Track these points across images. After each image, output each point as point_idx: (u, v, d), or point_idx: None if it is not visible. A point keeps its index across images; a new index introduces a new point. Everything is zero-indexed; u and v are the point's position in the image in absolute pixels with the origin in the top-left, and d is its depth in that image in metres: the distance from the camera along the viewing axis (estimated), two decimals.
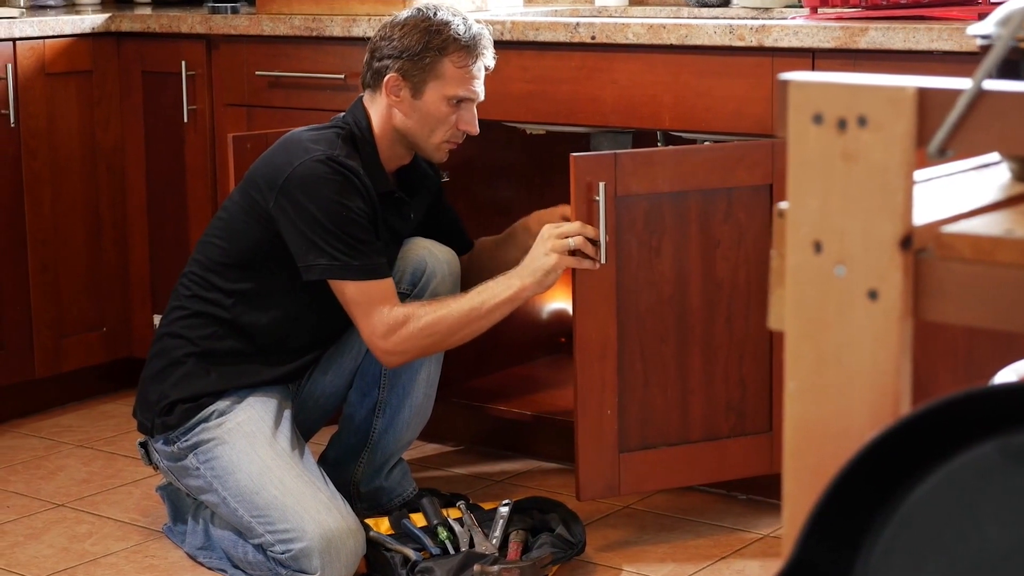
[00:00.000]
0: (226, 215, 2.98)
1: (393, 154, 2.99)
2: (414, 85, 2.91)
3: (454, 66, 2.91)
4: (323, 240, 2.82)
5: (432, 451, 3.58)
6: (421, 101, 2.92)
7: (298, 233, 2.84)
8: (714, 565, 2.92)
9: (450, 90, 2.92)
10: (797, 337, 1.19)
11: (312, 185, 2.82)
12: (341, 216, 2.81)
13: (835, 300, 1.17)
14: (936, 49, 2.81)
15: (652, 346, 2.97)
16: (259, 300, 2.95)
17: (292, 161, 2.86)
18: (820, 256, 1.17)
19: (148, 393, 2.99)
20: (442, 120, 2.93)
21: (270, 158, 2.93)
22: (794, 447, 1.20)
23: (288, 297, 2.94)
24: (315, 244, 2.82)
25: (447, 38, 2.90)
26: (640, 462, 2.99)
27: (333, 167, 2.83)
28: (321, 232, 2.81)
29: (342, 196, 2.82)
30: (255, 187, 2.91)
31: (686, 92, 3.10)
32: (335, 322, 2.99)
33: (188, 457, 2.91)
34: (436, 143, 2.96)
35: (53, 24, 3.75)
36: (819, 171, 1.16)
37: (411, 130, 2.95)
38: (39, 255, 3.78)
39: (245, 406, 2.92)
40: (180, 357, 2.96)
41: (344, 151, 2.87)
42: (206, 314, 2.96)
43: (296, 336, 2.99)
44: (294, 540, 2.76)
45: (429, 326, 2.85)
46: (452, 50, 2.90)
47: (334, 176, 2.83)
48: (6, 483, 3.41)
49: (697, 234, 2.97)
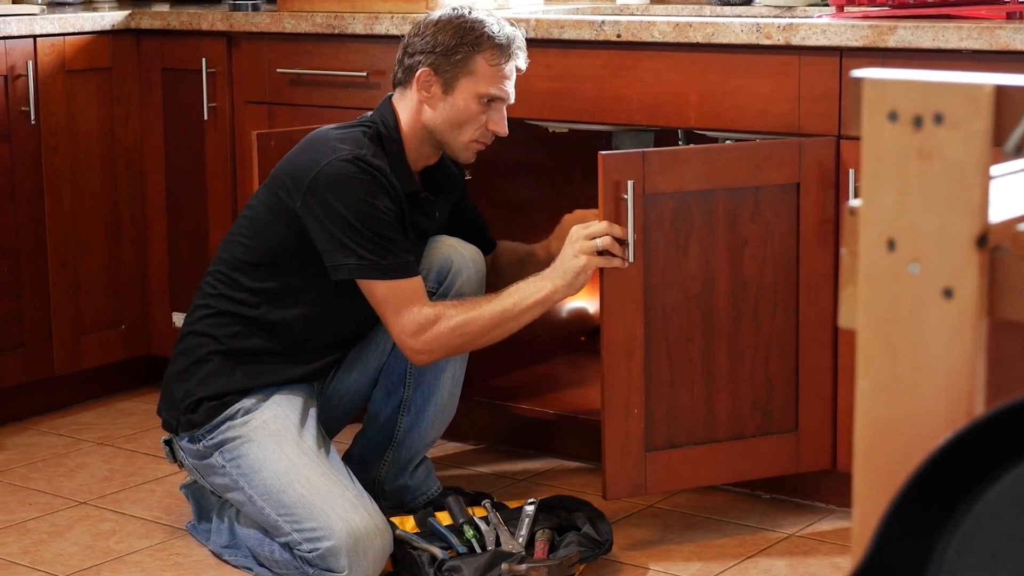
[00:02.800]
0: (252, 214, 2.97)
1: (421, 153, 2.98)
2: (446, 80, 2.90)
3: (487, 63, 2.90)
4: (351, 240, 2.81)
5: (453, 449, 3.57)
6: (452, 97, 2.91)
7: (326, 233, 2.83)
8: (740, 564, 2.91)
9: (482, 87, 2.91)
10: (869, 336, 1.18)
11: (340, 184, 2.81)
12: (369, 215, 2.81)
13: (909, 298, 1.16)
14: (965, 48, 2.80)
15: (678, 345, 2.97)
16: (285, 299, 2.94)
17: (319, 160, 2.85)
18: (894, 254, 1.16)
19: (173, 391, 2.98)
20: (472, 118, 2.92)
21: (297, 157, 2.93)
22: (865, 447, 1.20)
23: (314, 296, 2.94)
24: (344, 244, 2.81)
25: (481, 35, 2.90)
26: (666, 461, 2.98)
27: (361, 166, 2.82)
28: (350, 232, 2.81)
29: (370, 195, 2.81)
30: (282, 186, 2.90)
31: (712, 91, 3.09)
32: (360, 321, 2.99)
33: (213, 455, 2.90)
34: (465, 142, 2.95)
35: (73, 21, 3.75)
36: (893, 168, 1.15)
37: (440, 128, 2.94)
38: (58, 253, 3.77)
39: (271, 404, 2.91)
40: (205, 355, 2.95)
41: (371, 150, 2.86)
42: (231, 313, 2.95)
43: (321, 335, 2.98)
44: (321, 539, 2.75)
45: (460, 326, 2.84)
46: (486, 47, 2.90)
47: (362, 175, 2.82)
48: (28, 480, 3.40)
49: (724, 233, 2.97)
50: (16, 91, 3.63)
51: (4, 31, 3.59)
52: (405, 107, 2.96)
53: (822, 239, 3.00)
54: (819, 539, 3.02)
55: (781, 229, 3.00)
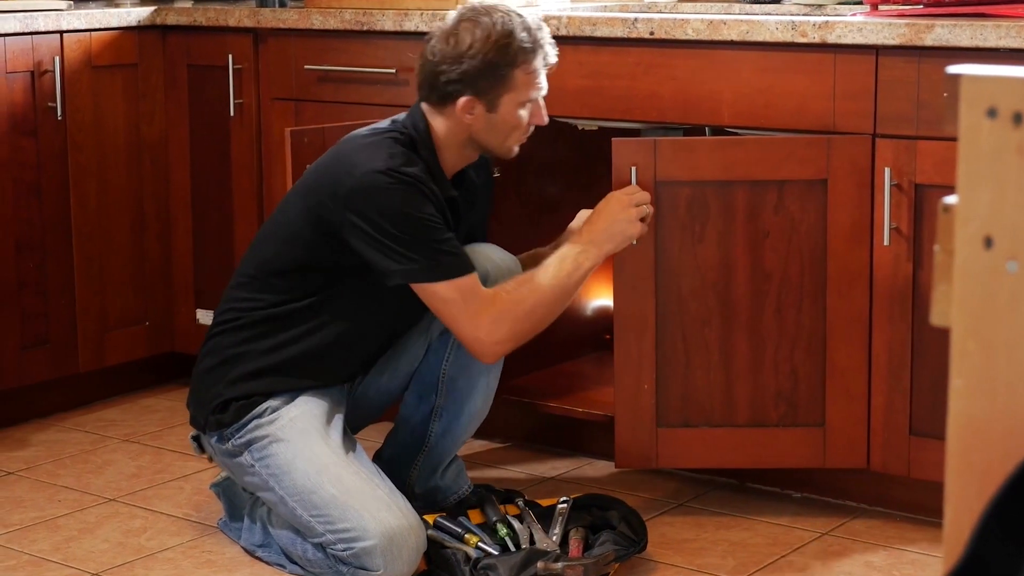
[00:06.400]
0: (285, 220, 2.94)
1: (460, 157, 2.94)
2: (488, 101, 2.86)
3: (524, 74, 2.86)
4: (404, 248, 2.76)
5: (480, 448, 3.57)
6: (497, 114, 2.87)
7: (375, 245, 2.77)
8: (775, 563, 2.91)
9: (523, 96, 2.87)
10: (964, 333, 1.18)
11: (380, 197, 2.77)
12: (416, 223, 2.76)
13: (1006, 296, 1.15)
14: (1003, 47, 2.80)
15: (694, 328, 3.08)
16: (318, 306, 2.92)
17: (353, 172, 2.80)
18: (991, 251, 1.15)
19: (201, 390, 2.97)
20: (518, 124, 2.90)
21: (331, 168, 2.87)
22: (959, 445, 1.19)
23: (346, 304, 2.91)
24: (396, 252, 2.76)
25: (515, 51, 2.83)
26: (679, 438, 3.11)
27: (397, 177, 2.78)
28: (400, 242, 2.76)
29: (412, 205, 2.77)
30: (316, 198, 2.85)
31: (746, 89, 3.09)
32: (391, 329, 2.98)
33: (243, 454, 2.89)
34: (510, 145, 2.94)
35: (100, 17, 3.74)
36: (992, 165, 1.15)
37: (485, 140, 2.90)
38: (84, 249, 3.76)
39: (299, 403, 2.90)
40: (233, 356, 2.94)
41: (405, 159, 2.82)
42: (262, 316, 2.93)
43: (353, 342, 2.96)
44: (356, 539, 2.75)
45: (530, 310, 2.82)
46: (520, 61, 2.85)
47: (399, 186, 2.77)
48: (55, 477, 3.39)
49: (744, 224, 3.05)
50: (43, 87, 3.63)
51: (31, 26, 3.59)
52: (442, 122, 2.90)
53: (855, 236, 2.99)
54: (852, 538, 3.02)
55: (808, 224, 3.02)
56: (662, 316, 3.07)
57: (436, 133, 2.90)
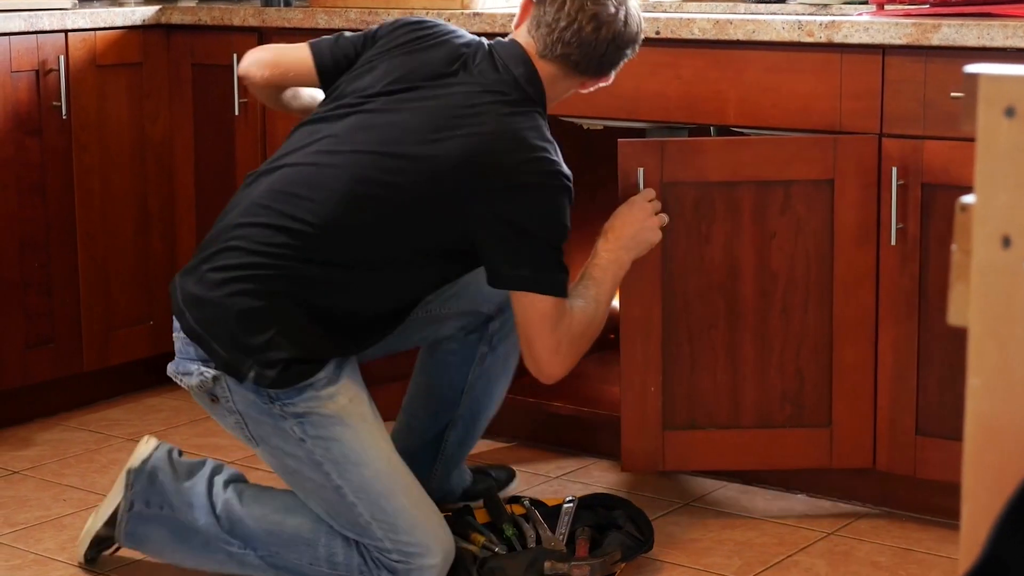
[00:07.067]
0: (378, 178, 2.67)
1: None
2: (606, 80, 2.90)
3: None
4: (536, 255, 2.66)
5: (485, 447, 3.56)
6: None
7: (505, 246, 2.65)
8: (781, 563, 2.91)
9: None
10: (982, 333, 1.18)
11: (549, 205, 2.66)
12: (562, 236, 2.68)
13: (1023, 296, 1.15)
14: (1011, 46, 2.80)
15: (700, 330, 3.08)
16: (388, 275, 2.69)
17: (524, 168, 2.66)
18: (1009, 251, 1.15)
19: (243, 331, 2.60)
20: None
21: (492, 146, 2.67)
22: (976, 445, 1.19)
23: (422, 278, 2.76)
24: (522, 257, 2.65)
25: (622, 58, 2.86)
26: (686, 441, 3.11)
27: (566, 183, 2.68)
28: (538, 250, 2.66)
29: (567, 215, 2.69)
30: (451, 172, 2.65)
31: (752, 88, 3.09)
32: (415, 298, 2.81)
33: (290, 422, 2.62)
34: None
35: (104, 16, 3.74)
36: (1010, 165, 1.14)
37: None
38: (88, 249, 3.76)
39: (348, 382, 2.66)
40: (285, 307, 2.62)
41: (557, 148, 2.73)
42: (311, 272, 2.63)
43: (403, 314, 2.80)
44: (419, 555, 2.63)
45: (587, 331, 2.76)
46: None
47: (565, 194, 2.68)
48: (60, 476, 3.39)
49: (751, 224, 3.05)
50: (47, 86, 3.62)
51: (36, 26, 3.58)
52: (564, 88, 2.83)
53: (861, 236, 2.99)
54: (858, 538, 3.02)
55: (814, 224, 3.02)
56: (668, 318, 3.07)
57: (547, 100, 2.81)
